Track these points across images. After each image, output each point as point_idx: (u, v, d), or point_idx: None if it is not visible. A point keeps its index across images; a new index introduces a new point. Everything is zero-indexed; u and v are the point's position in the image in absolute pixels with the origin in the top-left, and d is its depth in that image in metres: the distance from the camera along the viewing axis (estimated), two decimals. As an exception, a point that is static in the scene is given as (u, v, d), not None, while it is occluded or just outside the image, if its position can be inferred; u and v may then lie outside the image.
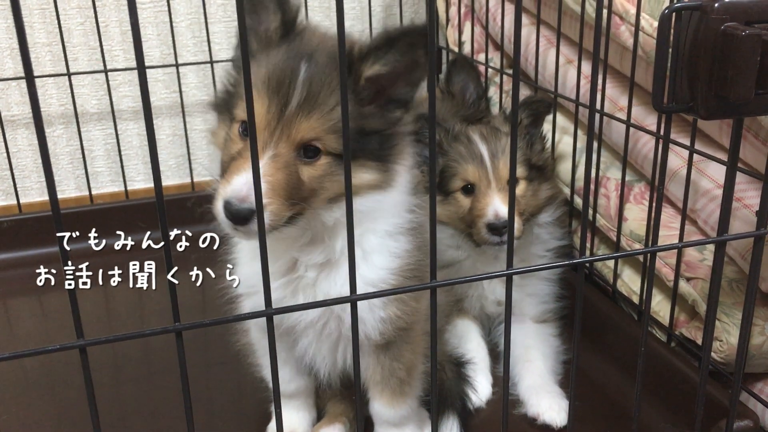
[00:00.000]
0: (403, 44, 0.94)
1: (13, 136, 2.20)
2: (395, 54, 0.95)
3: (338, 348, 1.16)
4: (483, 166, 1.46)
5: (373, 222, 1.06)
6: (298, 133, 0.93)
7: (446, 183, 1.50)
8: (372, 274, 1.06)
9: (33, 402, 1.47)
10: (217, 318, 0.82)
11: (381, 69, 0.96)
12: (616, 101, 1.58)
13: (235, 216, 0.89)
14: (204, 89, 2.32)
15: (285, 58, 0.96)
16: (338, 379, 1.24)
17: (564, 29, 1.70)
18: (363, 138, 0.97)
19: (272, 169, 0.91)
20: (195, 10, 2.23)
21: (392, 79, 0.98)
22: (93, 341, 0.77)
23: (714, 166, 1.35)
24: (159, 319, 1.78)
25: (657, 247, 0.96)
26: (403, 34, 0.94)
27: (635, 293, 1.54)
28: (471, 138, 1.50)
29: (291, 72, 0.94)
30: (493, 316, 1.59)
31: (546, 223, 1.59)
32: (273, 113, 0.92)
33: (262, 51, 0.99)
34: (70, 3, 2.14)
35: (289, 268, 1.08)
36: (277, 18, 0.99)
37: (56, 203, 0.72)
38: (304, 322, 1.11)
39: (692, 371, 1.34)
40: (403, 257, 1.08)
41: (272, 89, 0.93)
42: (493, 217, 1.42)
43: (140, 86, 0.70)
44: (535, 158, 1.54)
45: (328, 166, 0.96)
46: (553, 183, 1.61)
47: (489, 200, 1.44)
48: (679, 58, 0.87)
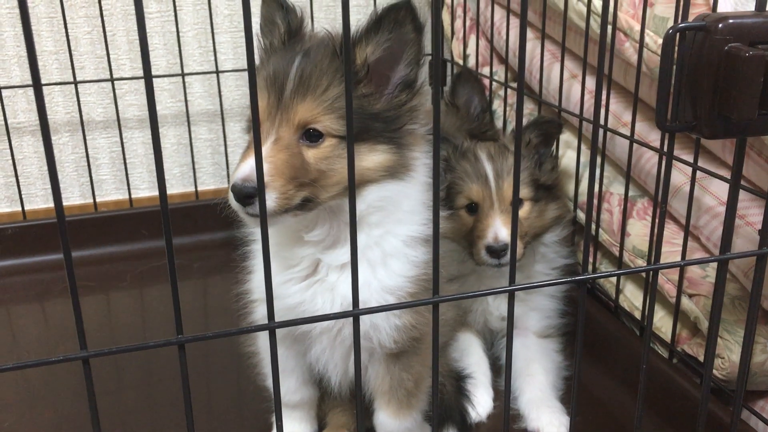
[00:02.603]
0: (389, 22, 0.98)
1: (18, 143, 2.21)
2: (384, 33, 0.99)
3: (350, 355, 1.15)
4: (487, 186, 1.47)
5: (394, 222, 1.07)
6: (296, 116, 0.98)
7: (452, 199, 1.50)
8: (390, 281, 1.08)
9: (35, 409, 1.47)
10: (220, 331, 0.82)
11: (375, 51, 1.00)
12: (620, 116, 1.59)
13: (238, 195, 0.93)
14: (209, 99, 2.33)
15: (283, 56, 1.03)
16: (347, 388, 1.24)
17: (568, 44, 1.71)
18: (366, 119, 1.00)
19: (274, 151, 0.96)
20: (202, 20, 2.24)
21: (390, 61, 1.02)
22: (96, 353, 0.77)
23: (717, 182, 1.35)
24: (161, 326, 1.79)
25: (660, 264, 0.96)
26: (387, 11, 0.97)
27: (637, 309, 1.54)
28: (478, 156, 1.50)
29: (287, 65, 1.00)
30: (497, 331, 1.59)
31: (552, 243, 1.59)
32: (272, 103, 0.98)
33: (268, 58, 1.06)
34: (78, 12, 2.16)
35: (310, 271, 1.09)
36: (282, 28, 1.06)
37: (63, 219, 0.72)
38: (319, 327, 1.12)
39: (694, 388, 1.33)
40: (420, 267, 1.09)
41: (270, 83, 0.99)
42: (492, 240, 1.42)
43: (147, 95, 0.70)
44: (544, 178, 1.53)
45: (332, 148, 0.99)
46: (561, 203, 1.60)
47: (490, 221, 1.44)
48: (682, 77, 0.88)
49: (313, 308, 1.08)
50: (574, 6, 1.57)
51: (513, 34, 1.94)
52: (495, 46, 2.08)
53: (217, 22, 2.25)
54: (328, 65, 1.00)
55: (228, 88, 2.32)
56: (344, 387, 1.23)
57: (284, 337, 1.16)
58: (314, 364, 1.20)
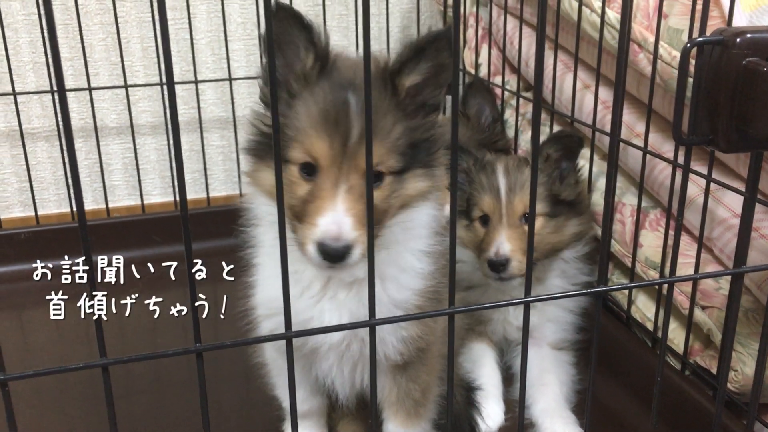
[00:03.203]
0: (432, 50, 0.97)
1: (32, 148, 2.23)
2: (426, 61, 0.98)
3: (357, 369, 1.16)
4: (498, 199, 1.47)
5: (412, 238, 1.08)
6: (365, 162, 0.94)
7: (470, 210, 1.52)
8: (399, 295, 1.08)
9: (46, 414, 1.48)
10: (238, 339, 0.83)
11: (415, 79, 0.99)
12: (633, 127, 1.59)
13: (333, 256, 0.91)
14: (222, 106, 2.34)
15: (331, 92, 0.97)
16: (355, 399, 1.25)
17: (581, 54, 1.71)
18: (413, 150, 1.00)
19: (351, 201, 0.93)
20: (215, 28, 2.26)
21: (422, 85, 1.01)
22: (116, 360, 0.78)
23: (730, 194, 1.35)
24: (173, 332, 1.78)
25: (675, 277, 0.97)
26: (430, 41, 0.96)
27: (649, 320, 1.54)
28: (495, 169, 1.51)
29: (342, 104, 0.95)
30: (514, 341, 1.59)
31: (572, 259, 1.57)
32: (337, 148, 0.94)
33: (303, 89, 0.98)
34: (93, 19, 2.18)
35: (321, 288, 1.09)
36: (310, 55, 0.98)
37: (84, 224, 0.73)
38: (327, 344, 1.11)
39: (706, 400, 1.33)
40: (427, 278, 1.09)
41: (331, 125, 0.95)
42: (493, 254, 1.42)
43: (169, 101, 0.72)
44: (566, 193, 1.51)
45: (390, 185, 0.99)
46: (584, 219, 1.56)
47: (495, 235, 1.44)
48: (699, 91, 0.88)
49: (320, 324, 1.07)
50: (588, 17, 1.57)
51: (525, 43, 1.94)
52: (507, 56, 2.09)
53: (231, 30, 2.26)
54: (387, 102, 0.97)
55: (240, 95, 2.34)
56: (351, 400, 1.23)
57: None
58: (320, 379, 1.20)
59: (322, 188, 0.94)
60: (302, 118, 0.96)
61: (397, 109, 0.99)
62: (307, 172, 0.97)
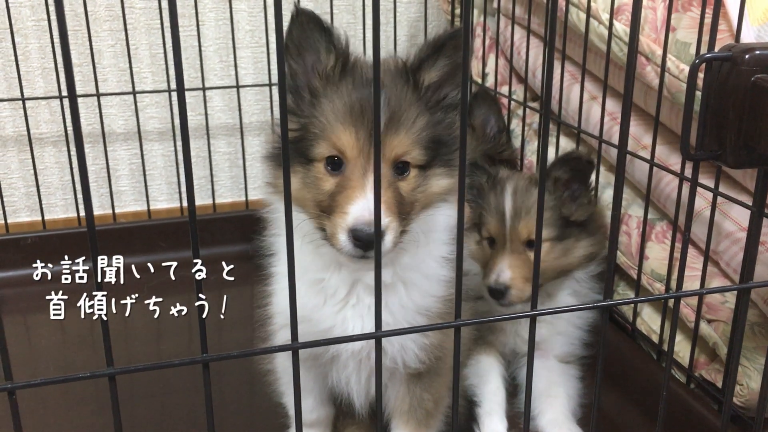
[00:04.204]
0: (450, 47, 1.00)
1: (40, 153, 2.24)
2: (444, 59, 1.01)
3: (374, 376, 1.16)
4: (503, 224, 1.46)
5: (434, 242, 1.08)
6: (392, 150, 0.97)
7: (480, 228, 1.52)
8: (423, 302, 1.09)
9: (52, 421, 1.48)
10: (245, 350, 0.83)
11: (435, 75, 1.02)
12: (640, 139, 1.59)
13: (366, 242, 0.91)
14: (229, 112, 2.35)
15: (354, 89, 1.00)
16: (369, 407, 1.24)
17: (588, 65, 1.71)
18: (438, 146, 1.01)
19: (381, 190, 0.93)
20: (223, 35, 2.27)
21: (441, 83, 1.03)
22: (122, 370, 0.78)
23: (737, 208, 1.35)
24: (176, 338, 1.79)
25: (682, 292, 0.97)
26: (448, 38, 0.99)
27: (654, 332, 1.54)
28: (504, 190, 1.49)
29: (367, 98, 0.97)
30: (522, 353, 1.57)
31: (584, 279, 1.55)
32: (363, 139, 0.96)
33: (327, 87, 1.01)
34: (102, 26, 2.19)
35: (345, 295, 1.08)
36: (330, 57, 1.01)
37: (93, 228, 0.73)
38: (349, 351, 1.11)
39: (711, 414, 1.33)
40: (447, 286, 1.10)
41: (356, 117, 0.97)
42: (493, 282, 1.43)
43: (179, 109, 0.72)
44: (577, 213, 1.48)
45: (416, 178, 1.00)
46: (596, 239, 1.53)
47: (497, 261, 1.44)
48: (708, 107, 0.88)
49: (343, 332, 1.08)
50: (595, 28, 1.57)
51: (533, 54, 1.95)
52: (514, 66, 2.09)
53: (239, 38, 2.27)
54: (409, 96, 1.00)
55: (248, 102, 2.35)
56: (365, 407, 1.23)
57: (307, 358, 1.15)
58: (337, 386, 1.19)
59: (350, 178, 0.95)
60: (327, 114, 0.98)
61: (420, 102, 1.01)
62: (332, 166, 0.98)
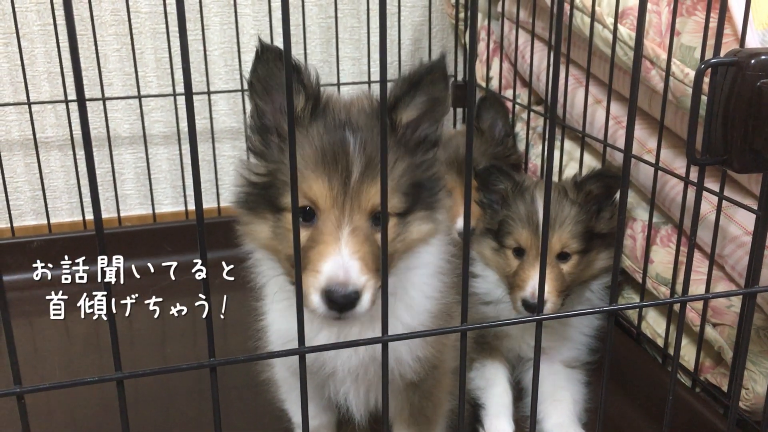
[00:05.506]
0: (426, 83, 0.93)
1: (45, 157, 2.25)
2: (421, 95, 0.94)
3: (372, 390, 1.16)
4: (536, 235, 1.43)
5: (415, 276, 1.06)
6: (368, 201, 0.90)
7: (502, 236, 1.48)
8: (413, 321, 1.06)
9: (58, 424, 1.48)
10: (252, 354, 0.84)
11: (413, 113, 0.96)
12: (644, 143, 1.59)
13: (341, 304, 0.85)
14: (234, 116, 2.36)
15: (326, 133, 0.93)
16: (368, 415, 1.24)
17: (593, 69, 1.71)
18: (417, 190, 0.95)
19: (357, 244, 0.87)
20: (228, 39, 2.28)
21: (419, 120, 0.97)
22: (131, 374, 0.78)
23: (742, 212, 1.35)
24: (182, 342, 1.79)
25: (687, 297, 0.97)
26: (424, 73, 0.93)
27: (660, 336, 1.54)
28: (534, 199, 1.46)
29: (340, 143, 0.91)
30: (526, 357, 1.58)
31: (598, 289, 1.55)
32: (337, 188, 0.89)
33: (297, 131, 0.92)
34: (108, 30, 2.20)
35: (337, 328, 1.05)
36: (300, 97, 0.94)
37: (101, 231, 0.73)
38: (345, 368, 1.08)
39: (716, 418, 1.33)
40: (439, 299, 1.09)
41: (328, 165, 0.90)
42: (530, 295, 1.39)
43: (187, 112, 0.73)
44: (600, 226, 1.48)
45: (395, 227, 0.94)
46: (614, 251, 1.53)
47: (531, 273, 1.41)
48: (713, 111, 0.88)
49: (336, 354, 1.06)
50: (600, 32, 1.58)
51: (537, 57, 1.95)
52: (518, 69, 2.09)
53: (244, 42, 2.27)
54: (388, 138, 0.89)
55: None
56: (365, 417, 1.23)
57: None
58: (334, 399, 1.18)
59: (323, 232, 0.88)
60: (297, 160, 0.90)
61: (398, 145, 0.95)
62: (304, 217, 0.91)
